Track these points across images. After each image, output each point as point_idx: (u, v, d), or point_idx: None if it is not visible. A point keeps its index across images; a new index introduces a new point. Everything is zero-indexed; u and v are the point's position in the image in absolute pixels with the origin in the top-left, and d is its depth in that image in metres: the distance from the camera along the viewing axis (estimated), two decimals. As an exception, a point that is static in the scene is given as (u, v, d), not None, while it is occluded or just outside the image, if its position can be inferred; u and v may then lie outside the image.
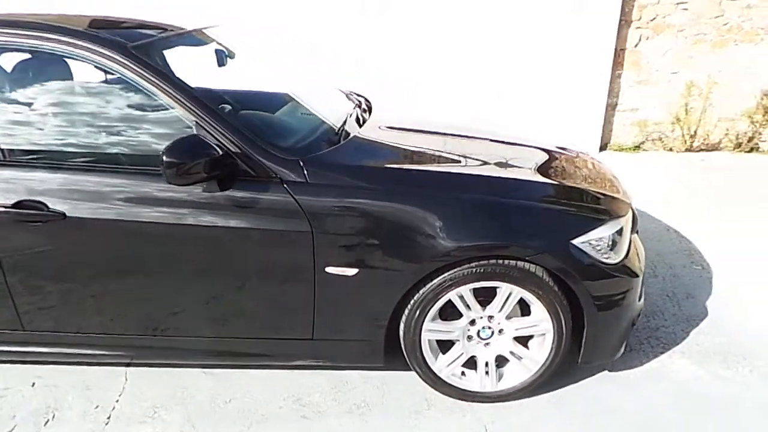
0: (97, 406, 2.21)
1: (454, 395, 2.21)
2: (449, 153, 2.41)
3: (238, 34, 3.05)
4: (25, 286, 2.02)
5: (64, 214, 1.91)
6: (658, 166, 5.32)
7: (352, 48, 5.20)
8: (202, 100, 1.95)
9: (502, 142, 2.64)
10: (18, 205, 1.91)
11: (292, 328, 2.12)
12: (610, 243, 2.08)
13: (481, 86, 5.34)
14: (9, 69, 2.12)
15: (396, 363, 2.22)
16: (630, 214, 2.27)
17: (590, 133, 5.56)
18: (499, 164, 2.37)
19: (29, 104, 2.02)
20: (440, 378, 2.17)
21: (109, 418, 2.16)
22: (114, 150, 2.01)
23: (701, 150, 5.72)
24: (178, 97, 1.93)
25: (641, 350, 2.54)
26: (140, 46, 2.03)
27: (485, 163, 2.35)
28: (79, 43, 1.95)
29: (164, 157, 1.76)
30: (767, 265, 3.26)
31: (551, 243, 1.99)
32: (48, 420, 2.15)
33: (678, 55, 5.50)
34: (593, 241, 2.04)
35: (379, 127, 2.51)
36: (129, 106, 2.03)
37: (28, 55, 2.11)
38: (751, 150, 5.72)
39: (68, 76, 2.24)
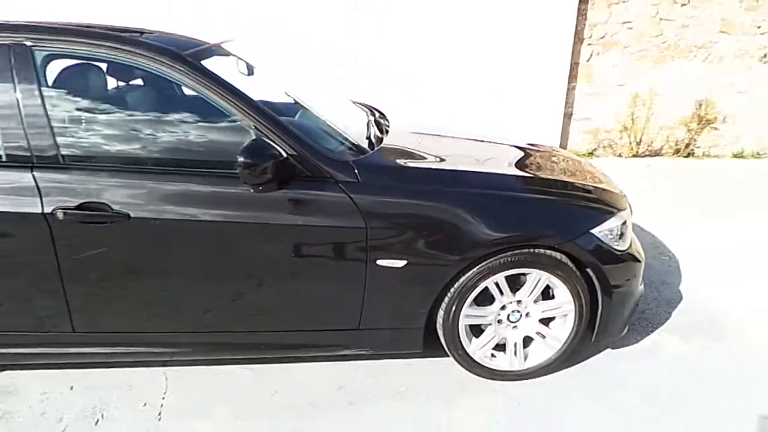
0: (145, 404, 2.25)
1: (486, 375, 2.42)
2: (475, 155, 2.64)
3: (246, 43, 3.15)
4: (82, 287, 2.05)
5: (128, 215, 1.97)
6: (610, 171, 5.78)
7: (344, 45, 5.34)
8: (260, 106, 2.07)
9: (517, 146, 2.89)
10: (82, 206, 1.95)
11: (341, 319, 2.26)
12: (619, 233, 2.37)
13: (452, 94, 5.62)
14: (67, 77, 2.14)
15: (429, 350, 2.41)
16: (629, 207, 2.58)
17: (549, 139, 5.96)
18: (522, 165, 2.63)
19: (89, 110, 2.06)
20: (474, 360, 2.38)
21: (159, 414, 2.21)
22: (174, 153, 2.09)
23: (646, 155, 6.29)
24: (236, 102, 2.04)
25: (634, 330, 2.86)
26: (192, 54, 2.13)
27: (510, 164, 2.60)
28: (136, 50, 2.02)
29: (241, 158, 1.87)
30: (722, 253, 3.71)
31: (575, 233, 2.25)
32: (98, 419, 2.17)
33: (624, 69, 6.03)
34: (606, 231, 2.32)
35: (402, 133, 2.70)
36: (184, 111, 2.12)
37: (78, 62, 2.15)
38: (688, 155, 6.36)
39: (128, 81, 2.28)
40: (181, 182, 2.03)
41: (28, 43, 1.96)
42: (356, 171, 2.12)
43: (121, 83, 2.28)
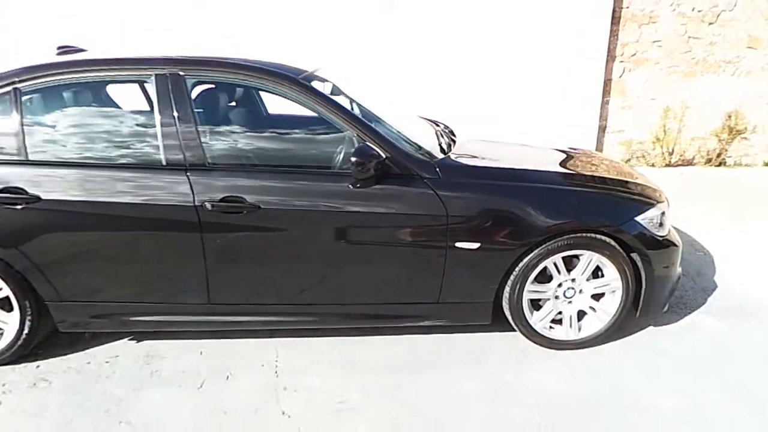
0: (262, 365, 2.73)
1: (545, 344, 2.84)
2: (530, 157, 3.10)
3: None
4: (220, 265, 2.55)
5: (259, 206, 2.47)
6: (645, 178, 6.16)
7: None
8: (360, 118, 2.57)
9: (562, 150, 3.34)
10: (224, 199, 2.46)
11: (424, 294, 2.71)
12: (659, 222, 2.78)
13: (496, 110, 6.06)
14: (209, 98, 2.68)
15: (494, 325, 2.84)
16: (666, 201, 2.98)
17: (586, 151, 6.37)
18: (570, 164, 3.07)
19: (226, 124, 2.59)
20: (536, 330, 2.79)
21: (276, 372, 2.68)
22: (292, 157, 2.60)
23: (678, 165, 6.63)
24: (341, 115, 2.54)
25: (674, 312, 3.23)
26: (306, 77, 2.65)
27: (560, 163, 3.05)
28: (263, 76, 2.55)
29: (353, 158, 2.37)
30: (754, 250, 4.05)
31: (621, 220, 2.67)
32: (228, 376, 2.65)
33: (655, 84, 6.42)
34: (647, 219, 2.73)
35: (467, 141, 3.16)
36: (299, 123, 2.63)
37: (217, 85, 2.69)
38: (720, 164, 6.67)
39: (253, 100, 2.82)
40: (299, 180, 2.53)
41: (182, 73, 2.50)
42: (437, 170, 2.59)
43: (251, 101, 2.80)
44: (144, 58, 2.57)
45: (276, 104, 2.95)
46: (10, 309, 2.60)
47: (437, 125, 3.41)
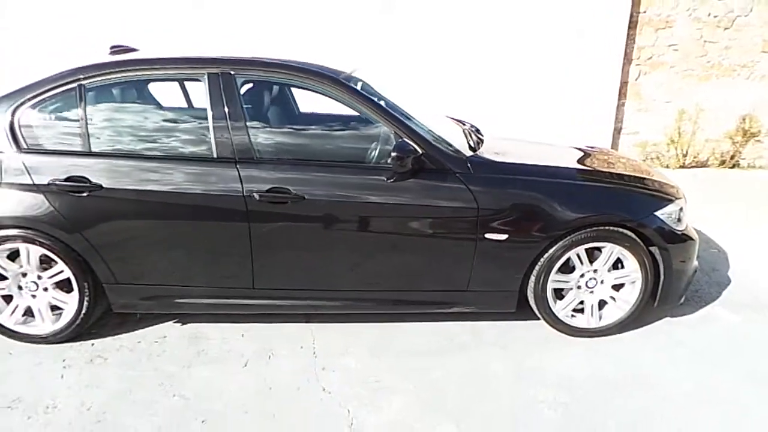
0: (301, 347, 2.91)
1: (568, 332, 3.00)
2: (554, 155, 3.26)
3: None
4: (264, 251, 2.74)
5: (303, 197, 2.65)
6: (660, 179, 6.30)
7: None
8: (398, 116, 2.75)
9: (582, 149, 3.50)
10: (270, 190, 2.64)
11: (454, 281, 2.88)
12: (677, 217, 2.94)
13: (515, 111, 6.22)
14: (255, 95, 2.88)
15: (517, 314, 3.01)
16: (684, 197, 3.13)
17: (601, 152, 6.51)
18: (592, 162, 3.23)
19: (272, 120, 2.78)
20: (559, 318, 2.96)
21: (314, 353, 2.86)
22: (334, 151, 2.80)
23: (692, 167, 6.75)
24: (380, 113, 2.72)
25: (690, 304, 3.37)
26: (346, 78, 2.83)
27: (582, 161, 3.21)
28: (307, 76, 2.74)
29: (394, 153, 2.54)
30: (766, 248, 4.19)
31: (641, 214, 2.83)
32: (270, 356, 2.84)
33: (670, 87, 6.56)
34: (666, 214, 2.89)
35: (494, 139, 3.33)
36: (340, 120, 2.82)
37: (263, 84, 2.89)
38: (734, 166, 6.79)
39: (292, 99, 3.01)
40: (338, 173, 2.71)
41: (232, 72, 2.69)
42: (469, 165, 2.76)
43: (291, 100, 2.99)
44: (198, 58, 2.77)
45: (310, 102, 3.15)
46: (69, 290, 2.80)
47: (464, 124, 3.57)
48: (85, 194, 2.62)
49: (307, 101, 3.22)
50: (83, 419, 2.38)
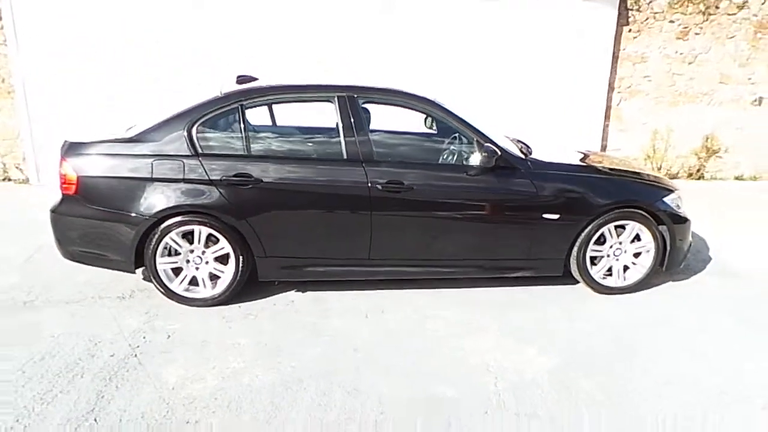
0: (405, 305, 3.77)
1: (600, 290, 3.97)
2: (584, 158, 4.28)
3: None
4: (381, 229, 3.62)
5: (413, 187, 3.56)
6: (641, 188, 7.45)
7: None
8: (477, 127, 3.72)
9: (606, 154, 4.53)
10: (388, 182, 3.55)
11: (520, 251, 3.82)
12: (677, 204, 3.98)
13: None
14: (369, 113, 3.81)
15: (559, 279, 3.97)
16: (679, 189, 4.18)
17: (591, 166, 7.63)
18: (609, 162, 4.27)
19: (381, 132, 3.70)
20: (595, 279, 3.93)
21: (416, 309, 3.73)
22: (432, 154, 3.74)
23: (666, 178, 7.94)
24: (466, 125, 3.69)
25: (686, 273, 4.41)
26: (434, 98, 3.80)
27: (601, 161, 4.24)
28: (410, 99, 3.69)
29: (484, 153, 3.50)
30: (732, 236, 5.31)
31: (653, 199, 3.85)
32: (383, 311, 3.69)
33: (646, 111, 7.77)
34: (671, 200, 3.92)
35: (539, 148, 4.32)
36: (435, 131, 3.77)
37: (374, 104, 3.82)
38: (699, 178, 8.02)
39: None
40: (435, 170, 3.66)
41: (355, 95, 3.62)
42: (529, 164, 3.74)
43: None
44: (329, 85, 3.69)
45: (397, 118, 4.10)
46: (226, 262, 3.61)
47: (513, 138, 4.57)
48: (249, 186, 3.47)
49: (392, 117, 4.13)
50: (265, 351, 3.18)
